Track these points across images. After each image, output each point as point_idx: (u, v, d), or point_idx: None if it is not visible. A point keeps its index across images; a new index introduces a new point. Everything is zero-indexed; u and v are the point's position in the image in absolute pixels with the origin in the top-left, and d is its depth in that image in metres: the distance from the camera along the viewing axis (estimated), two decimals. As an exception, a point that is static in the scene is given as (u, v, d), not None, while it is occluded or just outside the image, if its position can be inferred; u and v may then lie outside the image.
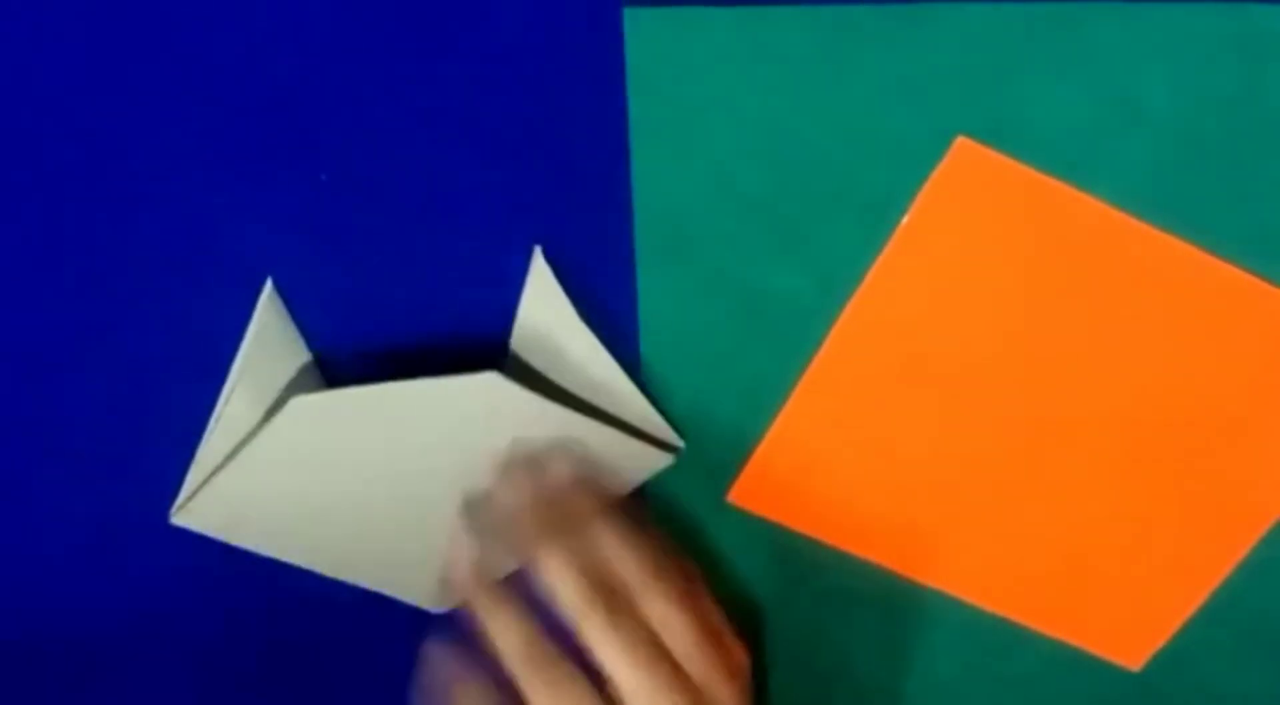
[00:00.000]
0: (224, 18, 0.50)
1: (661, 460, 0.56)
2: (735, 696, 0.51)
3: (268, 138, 0.52)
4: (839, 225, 0.53)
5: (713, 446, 0.58)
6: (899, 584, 0.61)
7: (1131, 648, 0.61)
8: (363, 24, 0.51)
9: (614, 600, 0.49)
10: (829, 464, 0.58)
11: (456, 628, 0.50)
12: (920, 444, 0.57)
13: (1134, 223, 0.52)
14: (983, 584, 0.60)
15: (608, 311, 0.55)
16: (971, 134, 0.51)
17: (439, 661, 0.50)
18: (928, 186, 0.52)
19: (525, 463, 0.53)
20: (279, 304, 0.54)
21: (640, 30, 0.50)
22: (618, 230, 0.53)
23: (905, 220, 0.52)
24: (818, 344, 0.55)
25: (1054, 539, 0.58)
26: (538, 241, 0.54)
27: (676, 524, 0.59)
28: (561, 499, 0.52)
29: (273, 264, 0.54)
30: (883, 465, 0.58)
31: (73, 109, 0.51)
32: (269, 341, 0.55)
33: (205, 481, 0.54)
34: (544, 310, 0.54)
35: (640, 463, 0.56)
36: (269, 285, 0.54)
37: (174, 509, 0.55)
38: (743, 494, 0.59)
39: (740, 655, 0.53)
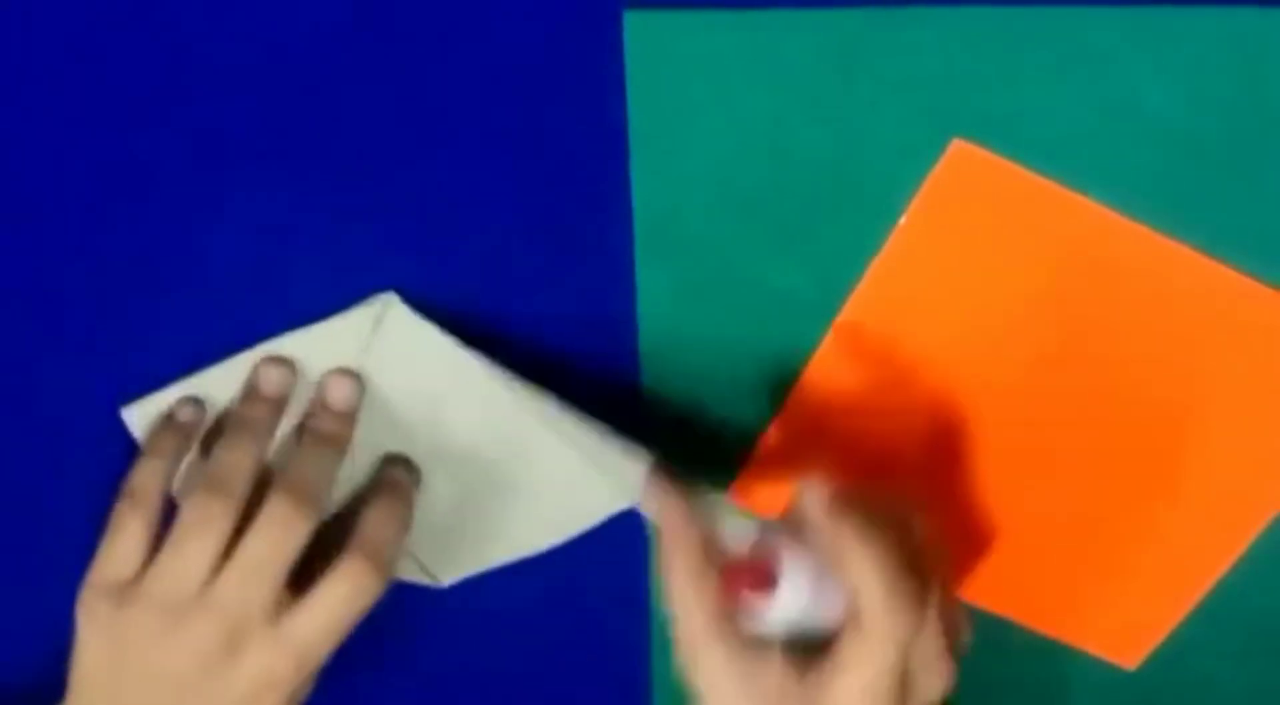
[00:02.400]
0: (223, 18, 0.51)
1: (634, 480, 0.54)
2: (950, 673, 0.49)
3: (267, 138, 0.52)
4: (836, 225, 0.53)
5: (712, 445, 0.58)
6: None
7: (1127, 647, 0.61)
8: (362, 25, 0.51)
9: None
10: (827, 463, 0.58)
11: None
12: (917, 443, 0.57)
13: (1130, 224, 0.52)
14: (978, 583, 0.60)
15: (607, 311, 0.55)
16: (968, 135, 0.51)
17: None
18: (924, 187, 0.52)
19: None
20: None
21: (640, 32, 0.50)
22: (617, 230, 0.54)
23: (902, 220, 0.53)
24: (816, 343, 0.55)
25: (1049, 539, 0.59)
26: (537, 241, 0.54)
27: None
28: None
29: (271, 263, 0.54)
30: (880, 464, 0.58)
31: (72, 112, 0.52)
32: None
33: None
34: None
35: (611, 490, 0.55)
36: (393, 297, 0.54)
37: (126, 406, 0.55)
38: (742, 492, 0.59)
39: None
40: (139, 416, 0.55)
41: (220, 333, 0.55)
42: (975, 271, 0.53)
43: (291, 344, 0.55)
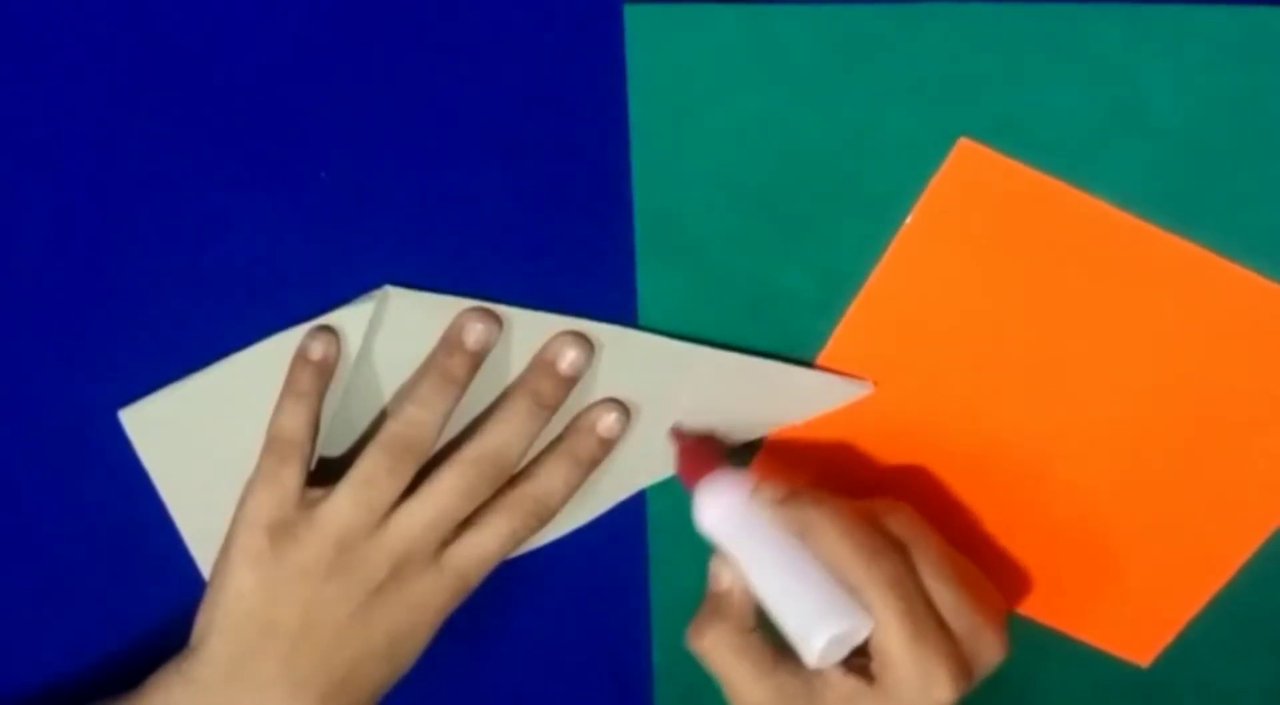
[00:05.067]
0: (223, 17, 0.50)
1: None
2: (998, 642, 0.51)
3: (266, 137, 0.52)
4: (841, 223, 0.52)
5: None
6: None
7: (1141, 644, 0.61)
8: (362, 23, 0.50)
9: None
10: (834, 461, 0.57)
11: None
12: (926, 442, 0.57)
13: (1136, 222, 0.51)
14: (991, 581, 0.60)
15: (608, 310, 0.54)
16: (974, 133, 0.50)
17: None
18: (930, 187, 0.51)
19: None
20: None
21: (641, 27, 0.50)
22: (618, 228, 0.53)
23: (908, 220, 0.52)
24: (821, 343, 0.55)
25: (1062, 535, 0.58)
26: (537, 240, 0.54)
27: (681, 522, 0.59)
28: None
29: (270, 263, 0.54)
30: (889, 464, 0.57)
31: (70, 112, 0.52)
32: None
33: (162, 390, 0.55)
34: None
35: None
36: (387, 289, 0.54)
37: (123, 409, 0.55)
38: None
39: (998, 597, 0.53)
40: (136, 419, 0.55)
41: (219, 333, 0.54)
42: (982, 271, 0.53)
43: (291, 340, 0.54)
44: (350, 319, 0.54)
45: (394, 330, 0.54)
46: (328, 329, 0.54)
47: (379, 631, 0.53)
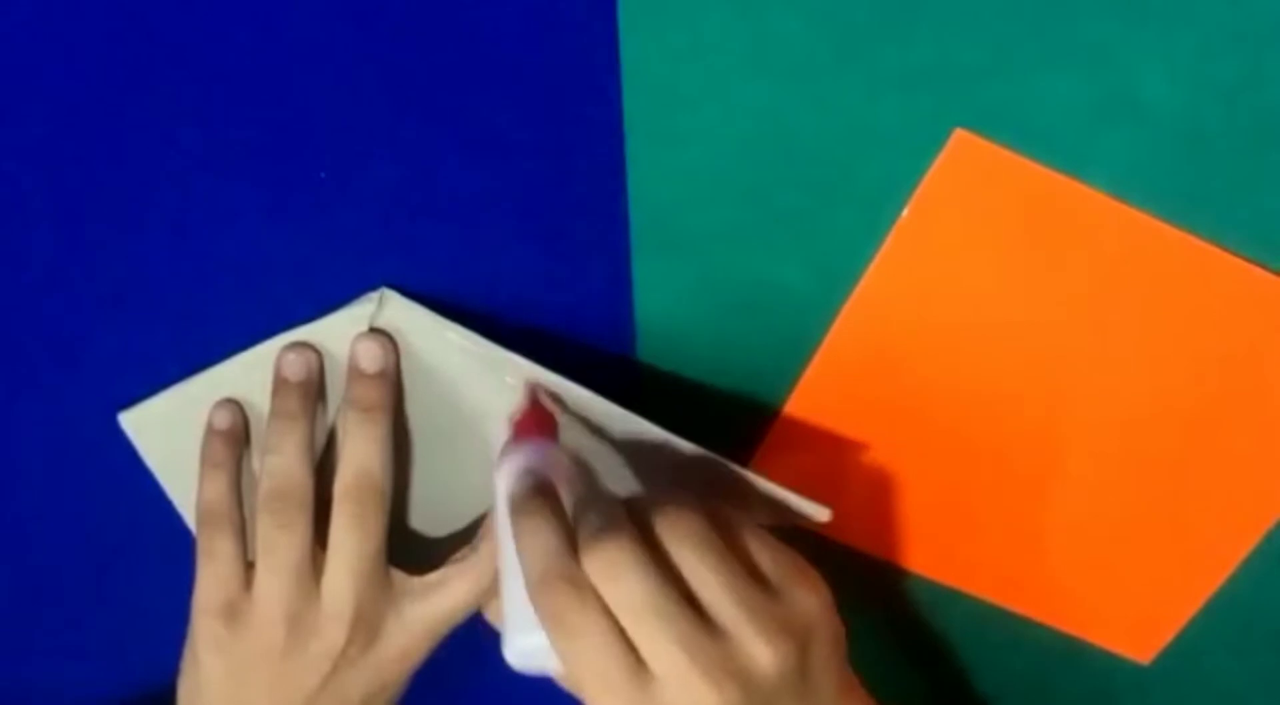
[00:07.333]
0: (222, 17, 0.50)
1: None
2: (779, 658, 0.44)
3: (266, 138, 0.52)
4: (837, 217, 0.52)
5: (714, 444, 0.57)
6: (907, 579, 0.60)
7: (1141, 641, 0.61)
8: (359, 22, 0.50)
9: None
10: (833, 459, 0.57)
11: None
12: (925, 438, 0.57)
13: (1133, 213, 0.51)
14: (993, 579, 0.60)
15: (604, 307, 0.55)
16: (969, 125, 0.50)
17: None
18: (926, 179, 0.51)
19: None
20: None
21: (636, 20, 0.50)
22: (613, 224, 0.53)
23: (904, 213, 0.52)
24: (819, 339, 0.55)
25: (1062, 533, 0.58)
26: (532, 236, 0.54)
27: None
28: None
29: (270, 263, 0.54)
30: (888, 461, 0.57)
31: (70, 112, 0.52)
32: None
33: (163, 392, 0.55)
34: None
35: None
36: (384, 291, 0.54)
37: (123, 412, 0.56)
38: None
39: (798, 608, 0.45)
40: (136, 421, 0.55)
41: (217, 336, 0.55)
42: (980, 263, 0.53)
43: (291, 342, 0.54)
44: (348, 321, 0.54)
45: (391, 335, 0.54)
46: (233, 401, 0.55)
47: (354, 692, 0.53)
